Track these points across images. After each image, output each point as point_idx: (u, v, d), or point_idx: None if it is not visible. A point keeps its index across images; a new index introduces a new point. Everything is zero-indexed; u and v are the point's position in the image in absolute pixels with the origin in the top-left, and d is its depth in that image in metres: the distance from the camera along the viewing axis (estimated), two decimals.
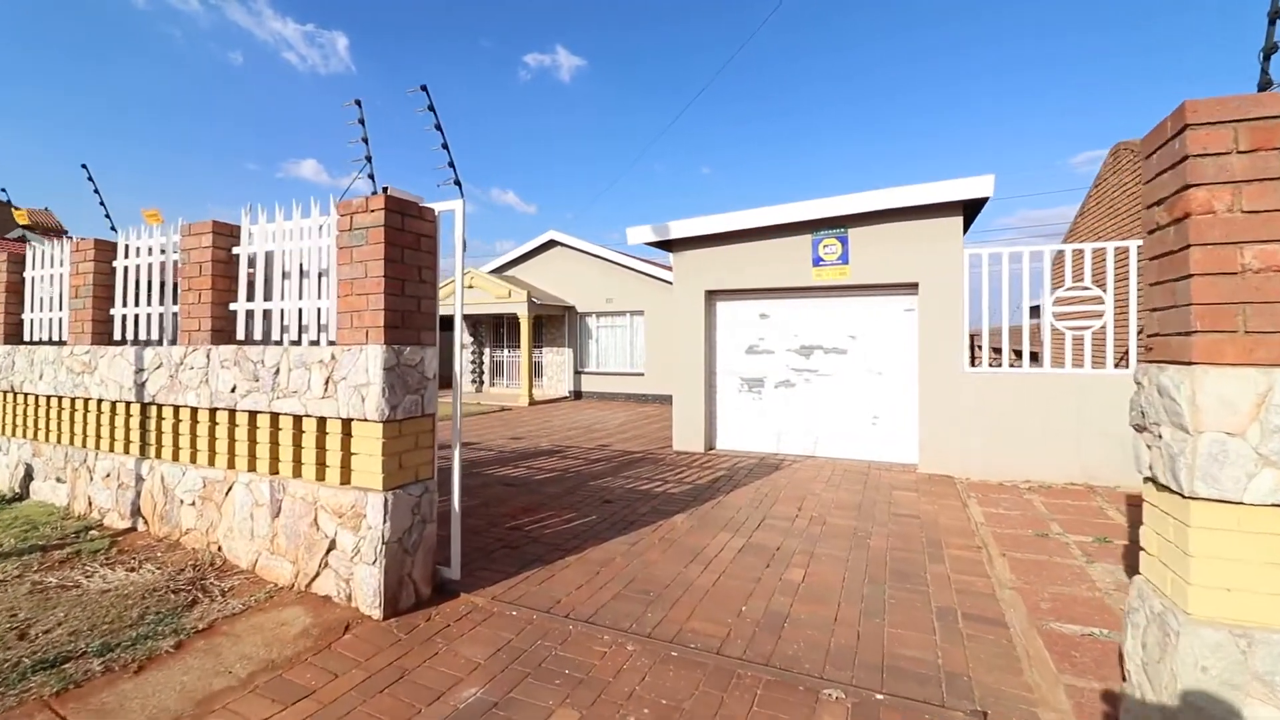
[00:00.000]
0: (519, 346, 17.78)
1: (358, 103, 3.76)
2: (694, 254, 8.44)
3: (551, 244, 17.61)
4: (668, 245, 8.67)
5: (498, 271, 18.08)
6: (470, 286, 16.37)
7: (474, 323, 18.73)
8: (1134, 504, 5.84)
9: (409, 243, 3.63)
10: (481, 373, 18.79)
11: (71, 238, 5.51)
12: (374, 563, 3.40)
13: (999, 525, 5.22)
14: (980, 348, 12.20)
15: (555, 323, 17.48)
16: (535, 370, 17.82)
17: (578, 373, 17.18)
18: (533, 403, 15.60)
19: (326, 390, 3.61)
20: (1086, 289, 6.64)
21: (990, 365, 7.03)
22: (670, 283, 16.15)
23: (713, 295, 8.54)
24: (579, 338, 17.24)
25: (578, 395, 17.10)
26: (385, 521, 3.41)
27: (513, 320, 17.79)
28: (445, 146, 3.70)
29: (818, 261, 7.68)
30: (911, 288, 7.47)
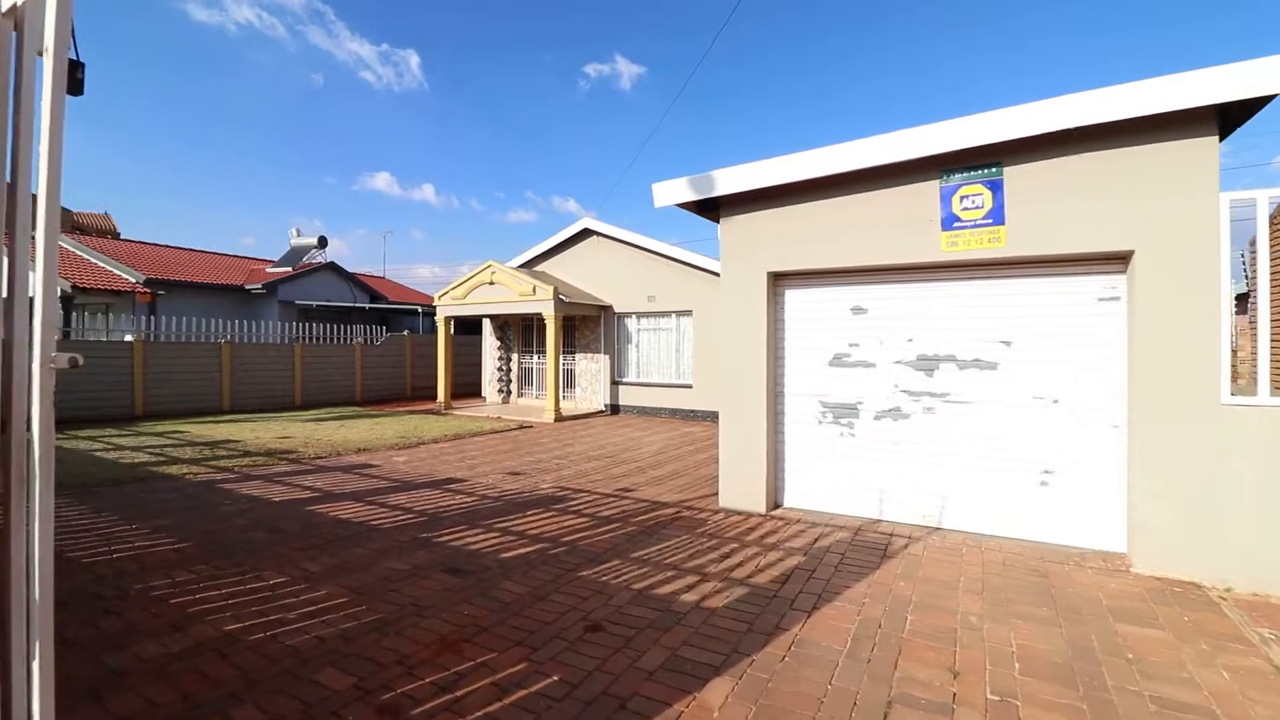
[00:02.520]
0: None
1: None
2: (751, 219, 5.75)
3: (586, 234, 15.19)
4: (712, 208, 6.01)
5: (526, 266, 15.81)
6: (491, 283, 14.14)
7: (500, 324, 16.53)
8: None
9: None
10: (509, 381, 16.55)
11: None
12: None
13: None
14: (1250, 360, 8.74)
15: (589, 324, 15.03)
16: (566, 379, 15.42)
17: (615, 383, 14.66)
18: (559, 418, 13.18)
19: None
20: None
21: (1274, 394, 4.03)
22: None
23: (779, 279, 5.82)
24: (617, 342, 14.73)
25: (615, 409, 14.58)
26: None
27: (542, 322, 15.47)
28: None
29: (951, 222, 4.86)
30: (1116, 261, 4.55)
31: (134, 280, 16.91)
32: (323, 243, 23.19)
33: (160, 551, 4.64)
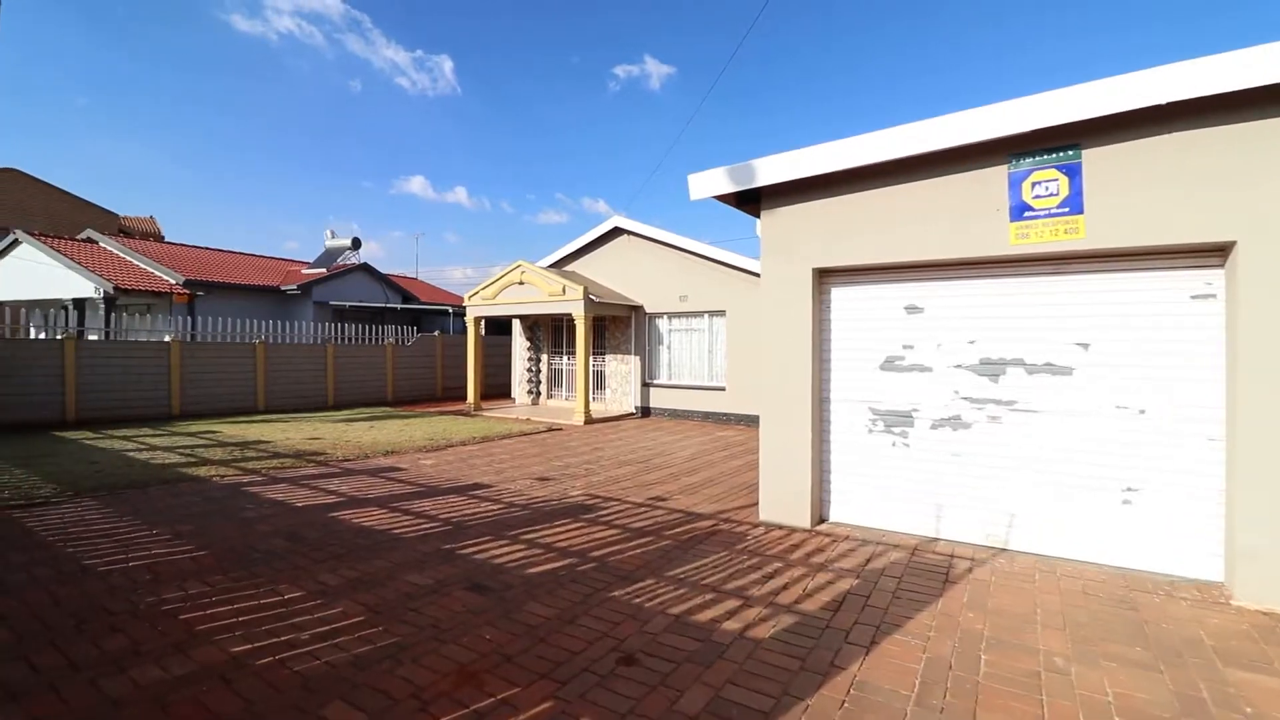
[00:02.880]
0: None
1: None
2: (794, 211, 5.36)
3: (616, 232, 14.91)
4: (752, 200, 5.63)
5: (556, 265, 15.61)
6: (521, 282, 13.96)
7: (530, 324, 16.36)
8: None
9: None
10: (538, 382, 16.37)
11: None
12: None
13: None
14: None
15: (619, 325, 14.74)
16: (596, 381, 15.16)
17: (645, 385, 14.34)
18: (589, 421, 12.92)
19: None
20: None
21: None
22: (760, 275, 12.90)
23: (825, 276, 5.42)
24: (647, 343, 14.41)
25: (645, 412, 14.26)
26: None
27: (571, 322, 15.23)
28: None
29: (1021, 211, 4.40)
30: (1212, 254, 4.05)
31: (173, 281, 17.22)
32: (356, 244, 23.41)
33: (177, 560, 4.47)
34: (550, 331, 16.21)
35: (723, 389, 13.12)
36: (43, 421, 11.08)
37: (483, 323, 15.42)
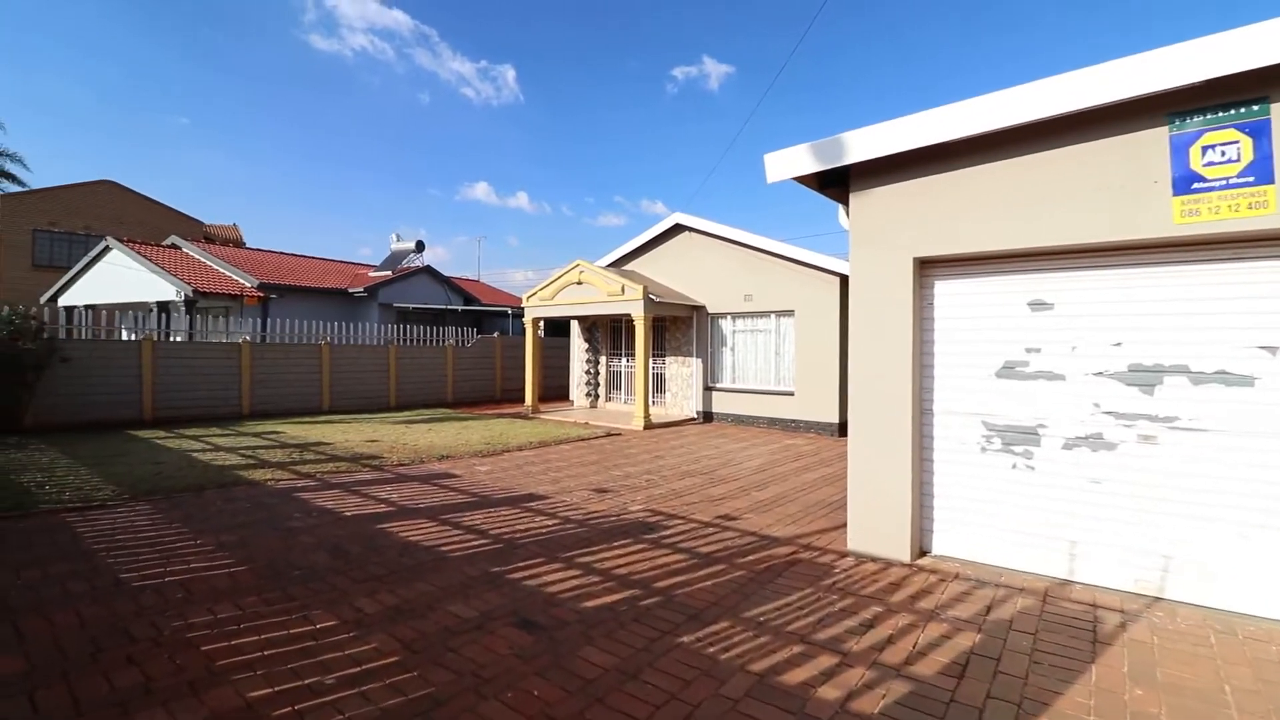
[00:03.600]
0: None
1: None
2: (891, 193, 4.63)
3: (678, 229, 14.32)
4: (836, 182, 4.94)
5: (615, 264, 15.17)
6: (579, 282, 13.58)
7: (588, 325, 15.98)
8: None
9: None
10: (596, 385, 15.96)
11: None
12: None
13: None
14: None
15: (680, 326, 14.14)
16: (655, 384, 14.61)
17: (707, 389, 13.68)
18: (649, 426, 12.38)
19: None
20: None
21: None
22: (834, 273, 12.06)
23: (928, 267, 4.67)
24: (710, 345, 13.75)
25: (708, 417, 13.60)
26: None
27: (630, 323, 14.75)
28: None
29: (1187, 183, 3.56)
30: None
31: (248, 285, 17.79)
32: (420, 247, 23.76)
33: (214, 576, 4.19)
34: (609, 332, 15.78)
35: (791, 394, 12.31)
36: (121, 420, 11.46)
37: (541, 324, 15.16)
